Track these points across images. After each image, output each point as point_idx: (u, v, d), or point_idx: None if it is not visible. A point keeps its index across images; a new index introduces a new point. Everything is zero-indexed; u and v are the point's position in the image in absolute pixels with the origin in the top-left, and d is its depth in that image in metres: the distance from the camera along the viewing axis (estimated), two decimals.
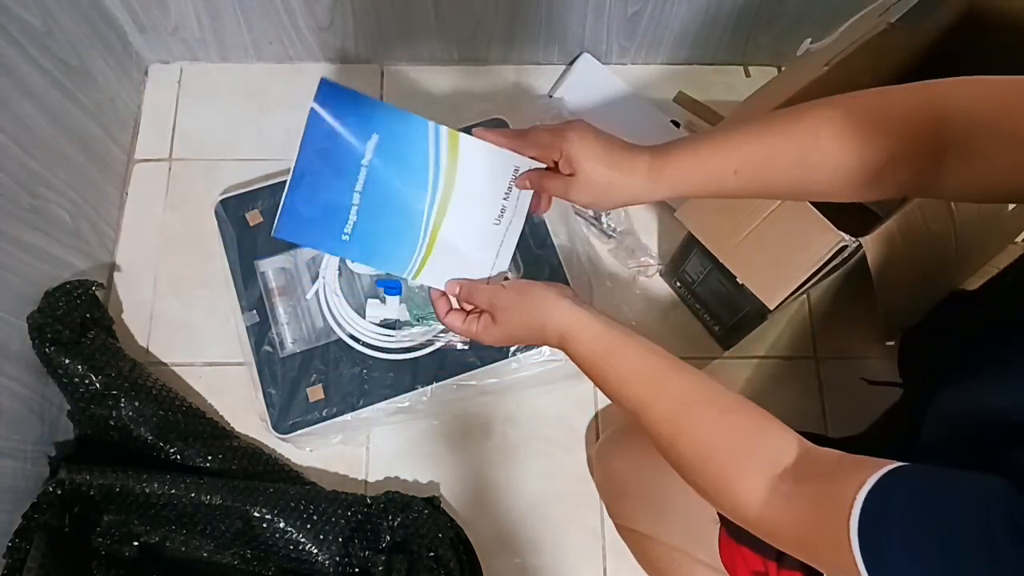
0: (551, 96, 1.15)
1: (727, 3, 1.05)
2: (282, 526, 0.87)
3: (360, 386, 0.95)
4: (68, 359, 0.88)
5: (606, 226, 1.07)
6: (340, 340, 0.96)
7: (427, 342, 0.96)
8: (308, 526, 0.87)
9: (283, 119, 1.14)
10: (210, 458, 0.92)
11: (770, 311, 0.83)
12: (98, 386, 0.89)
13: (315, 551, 0.87)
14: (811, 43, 0.87)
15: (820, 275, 0.79)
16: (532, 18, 1.07)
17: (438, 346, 0.96)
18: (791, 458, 0.50)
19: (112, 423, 0.90)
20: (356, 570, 0.88)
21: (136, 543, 0.89)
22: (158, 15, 1.06)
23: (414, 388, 0.95)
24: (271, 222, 1.00)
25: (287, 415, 0.94)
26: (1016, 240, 0.97)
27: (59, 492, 0.84)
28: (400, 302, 0.97)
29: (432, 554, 0.87)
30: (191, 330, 1.04)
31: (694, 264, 0.95)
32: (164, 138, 1.13)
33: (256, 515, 0.87)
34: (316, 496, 0.90)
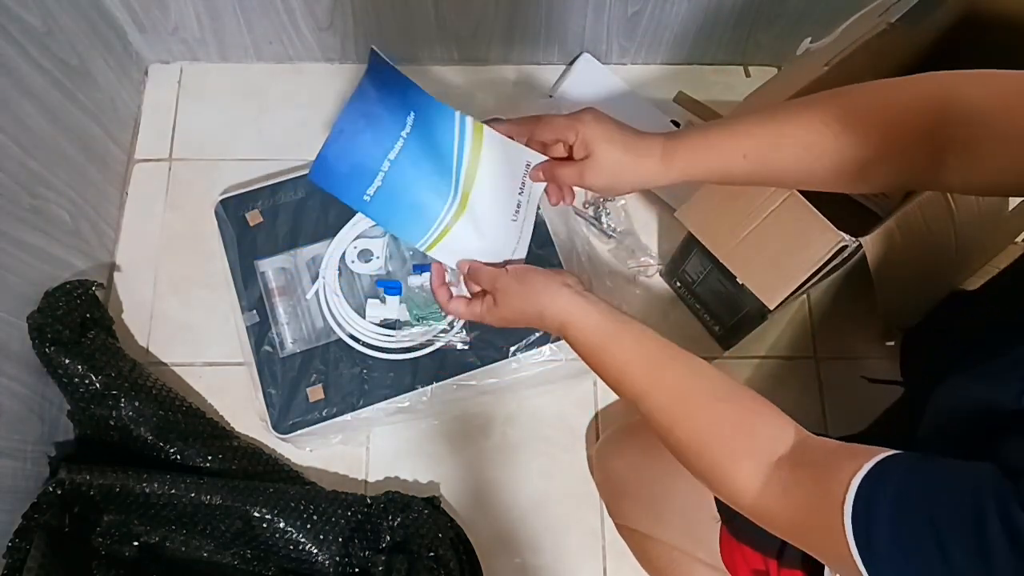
0: (551, 96, 1.15)
1: (727, 3, 1.05)
2: (282, 526, 0.87)
3: (360, 386, 0.95)
4: (68, 359, 0.88)
5: (606, 226, 1.07)
6: (340, 340, 0.96)
7: (427, 342, 0.96)
8: (308, 526, 0.87)
9: (283, 119, 1.14)
10: (210, 458, 0.92)
11: (770, 311, 0.83)
12: (98, 386, 0.89)
13: (315, 551, 0.87)
14: (811, 43, 0.87)
15: (820, 275, 0.79)
16: (532, 18, 1.07)
17: (438, 346, 0.96)
18: (787, 445, 0.50)
19: (112, 423, 0.90)
20: (356, 570, 0.88)
21: (136, 543, 0.89)
22: (158, 15, 1.06)
23: (414, 388, 0.95)
24: (271, 222, 1.02)
25: (287, 415, 0.94)
26: (1016, 240, 0.97)
27: (59, 492, 0.84)
28: (400, 302, 0.97)
29: (432, 554, 0.87)
30: (191, 330, 1.04)
31: (694, 264, 0.95)
32: (164, 138, 1.13)
33: (256, 515, 0.87)
34: (316, 496, 0.90)
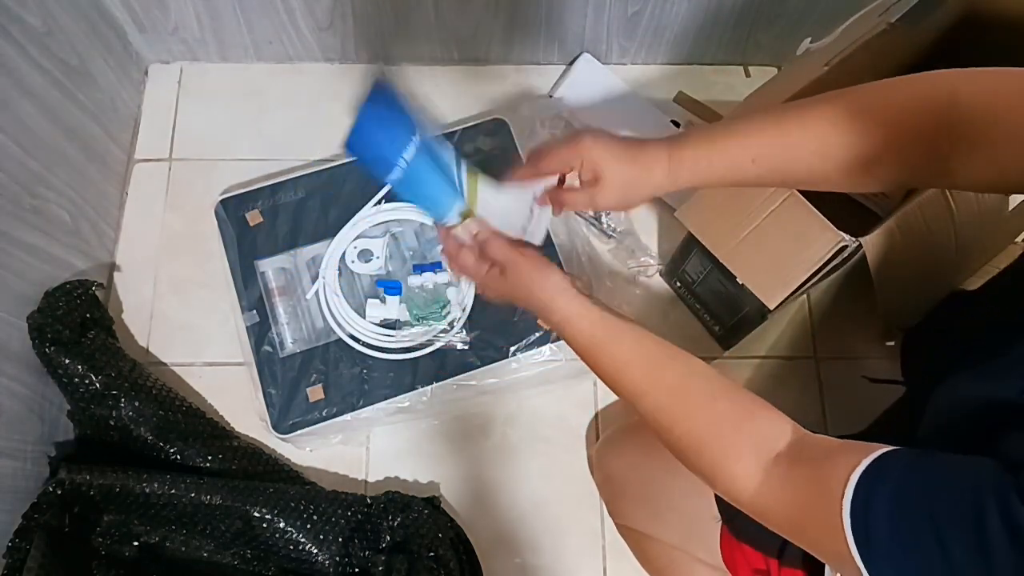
0: (551, 96, 1.15)
1: (727, 3, 1.05)
2: (282, 526, 0.87)
3: (360, 386, 0.95)
4: (68, 359, 0.88)
5: (606, 226, 1.07)
6: (340, 340, 0.96)
7: (427, 342, 0.96)
8: (308, 526, 0.87)
9: (283, 119, 1.14)
10: (210, 458, 0.92)
11: (770, 311, 0.83)
12: (98, 386, 0.89)
13: (315, 551, 0.87)
14: (811, 43, 0.87)
15: (820, 275, 0.79)
16: (532, 18, 1.07)
17: (438, 346, 0.96)
18: (786, 442, 0.51)
19: (112, 423, 0.90)
20: (356, 570, 0.88)
21: (136, 543, 0.89)
22: (158, 15, 1.06)
23: (414, 388, 0.95)
24: (271, 222, 1.03)
25: (287, 415, 0.94)
26: (1016, 240, 0.97)
27: (59, 492, 0.84)
28: (400, 302, 0.97)
29: (432, 554, 0.87)
30: (191, 330, 1.04)
31: (694, 264, 0.95)
32: (164, 138, 1.13)
33: (256, 515, 0.87)
34: (316, 496, 0.90)
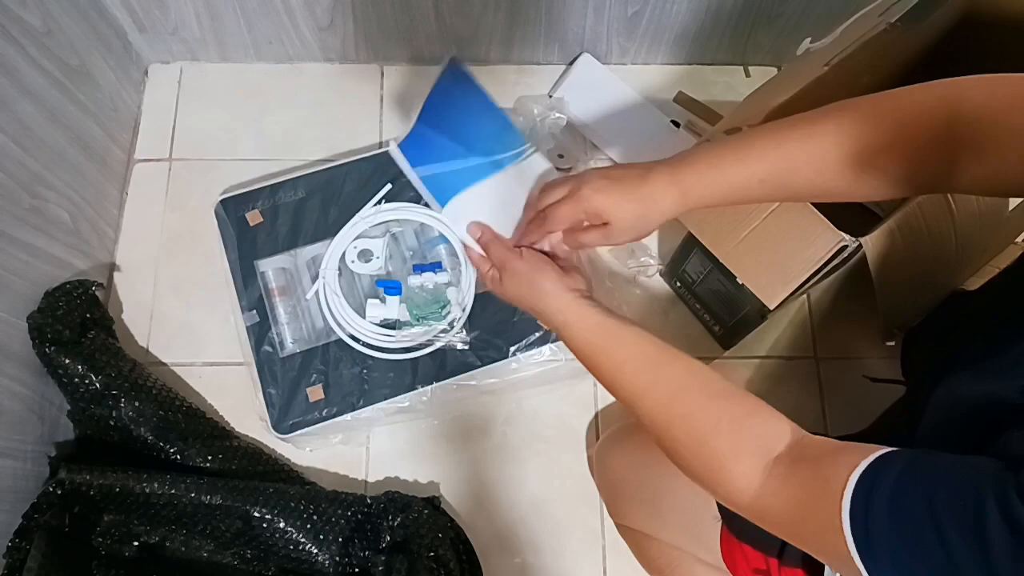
0: (551, 96, 1.15)
1: (727, 3, 1.05)
2: (282, 526, 0.87)
3: (360, 386, 0.95)
4: (68, 359, 0.88)
5: None
6: (340, 340, 0.96)
7: (427, 342, 0.96)
8: (308, 526, 0.87)
9: (283, 119, 1.14)
10: (210, 458, 0.92)
11: (770, 311, 0.83)
12: (98, 386, 0.89)
13: (315, 551, 0.87)
14: (811, 43, 0.87)
15: (820, 275, 0.79)
16: (532, 18, 1.07)
17: (438, 346, 0.96)
18: (785, 443, 0.51)
19: (112, 423, 0.90)
20: (356, 570, 0.88)
21: (136, 543, 0.89)
22: (158, 15, 1.06)
23: (414, 388, 0.95)
24: (271, 222, 1.02)
25: (287, 415, 0.94)
26: (1016, 240, 0.97)
27: (59, 492, 0.84)
28: (400, 302, 0.97)
29: (432, 554, 0.87)
30: (191, 330, 1.04)
31: (694, 264, 0.95)
32: (164, 138, 1.13)
33: (256, 515, 0.87)
34: (316, 496, 0.90)
